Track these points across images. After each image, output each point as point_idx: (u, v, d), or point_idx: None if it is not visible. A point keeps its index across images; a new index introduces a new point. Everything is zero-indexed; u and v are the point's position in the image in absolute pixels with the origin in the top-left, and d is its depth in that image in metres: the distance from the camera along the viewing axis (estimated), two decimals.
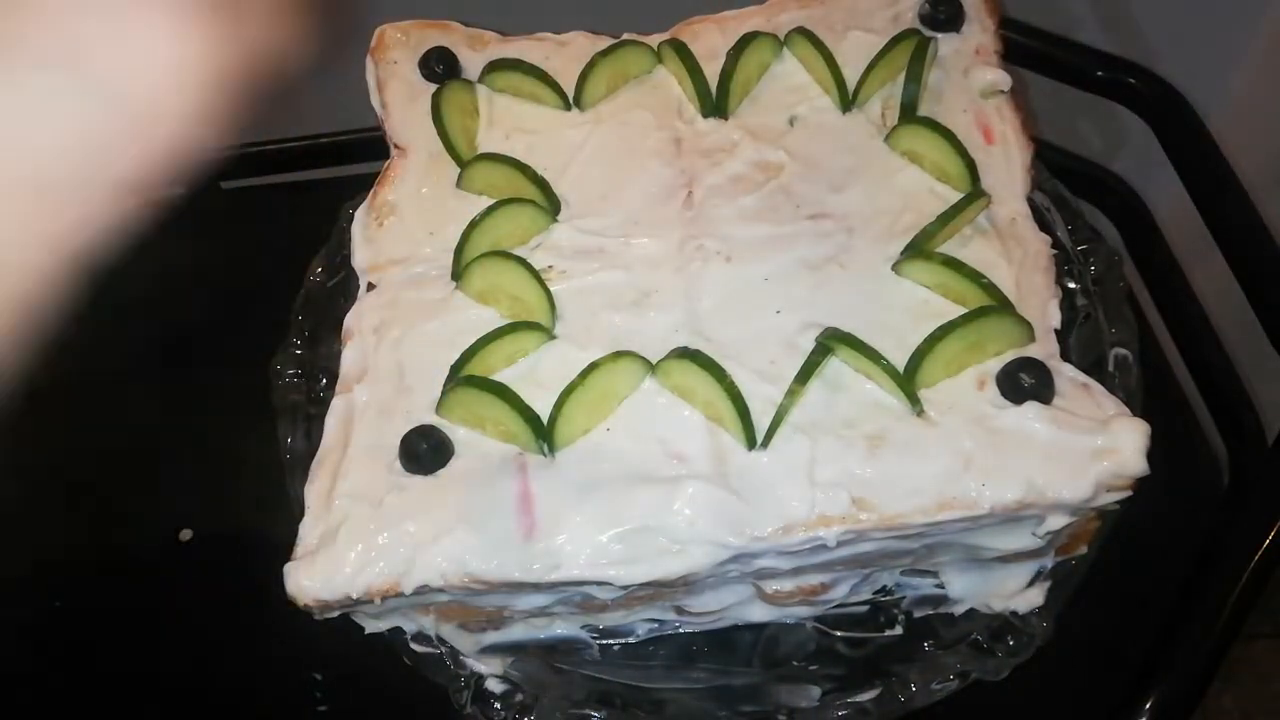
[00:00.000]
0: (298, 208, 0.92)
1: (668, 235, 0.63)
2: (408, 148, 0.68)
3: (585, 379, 0.56)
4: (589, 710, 0.61)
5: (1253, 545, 0.62)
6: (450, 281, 0.63)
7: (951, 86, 0.67)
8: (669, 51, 0.69)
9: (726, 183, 0.65)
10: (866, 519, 0.53)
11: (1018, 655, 0.61)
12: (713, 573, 0.55)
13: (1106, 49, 0.83)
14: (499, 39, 0.72)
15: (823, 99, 0.68)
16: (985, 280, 0.58)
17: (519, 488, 0.55)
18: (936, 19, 0.68)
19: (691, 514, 0.53)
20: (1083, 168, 0.88)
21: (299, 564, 0.54)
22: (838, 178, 0.64)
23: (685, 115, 0.68)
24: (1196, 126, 0.78)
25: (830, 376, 0.57)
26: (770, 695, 0.63)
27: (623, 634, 0.65)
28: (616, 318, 0.60)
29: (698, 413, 0.57)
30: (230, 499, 0.79)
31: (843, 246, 0.62)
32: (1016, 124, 0.65)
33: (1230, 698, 1.16)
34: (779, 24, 0.70)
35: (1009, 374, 0.55)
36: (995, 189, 0.62)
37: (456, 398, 0.57)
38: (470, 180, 0.66)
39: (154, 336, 0.91)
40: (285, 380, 0.70)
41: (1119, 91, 0.81)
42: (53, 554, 0.80)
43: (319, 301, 0.73)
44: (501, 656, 0.64)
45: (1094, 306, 0.69)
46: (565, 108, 0.69)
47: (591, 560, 0.53)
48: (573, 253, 0.63)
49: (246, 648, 0.73)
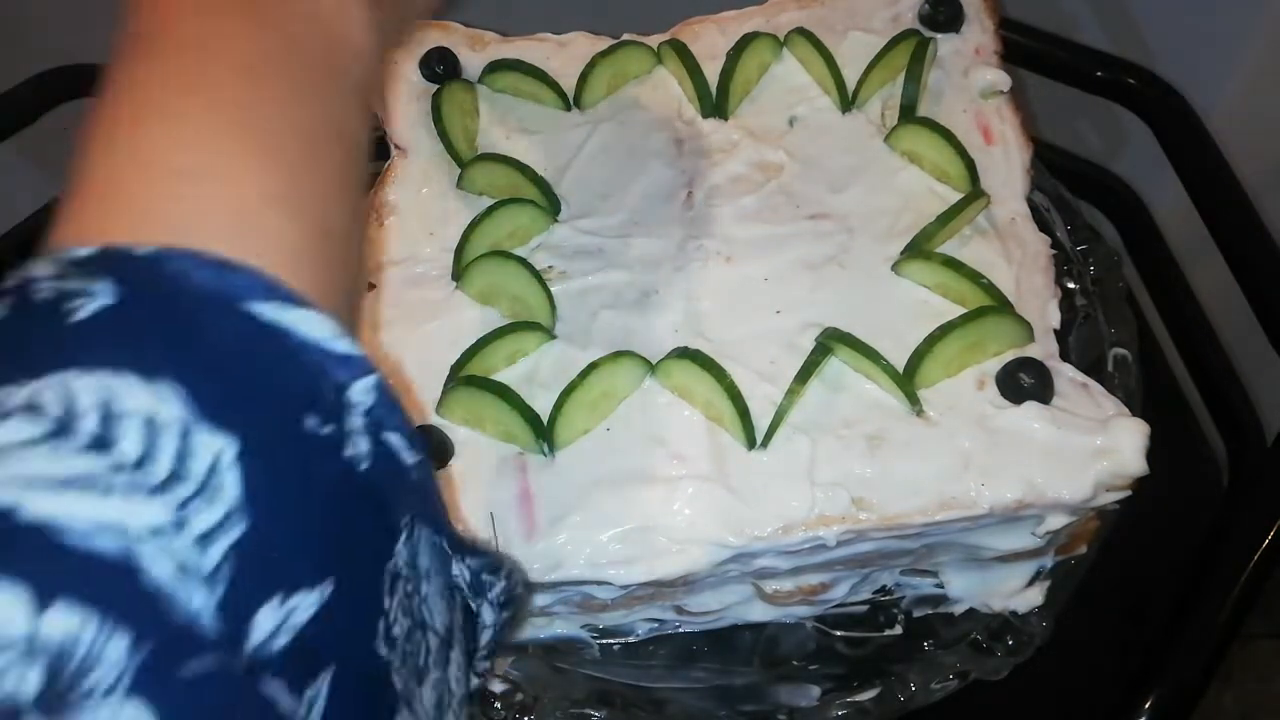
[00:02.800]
0: None
1: (668, 235, 0.63)
2: (408, 148, 0.68)
3: (585, 379, 0.56)
4: (589, 710, 0.61)
5: (1253, 545, 0.62)
6: (450, 281, 0.63)
7: (951, 87, 0.67)
8: (669, 52, 0.69)
9: (727, 183, 0.65)
10: (866, 519, 0.53)
11: (1017, 655, 0.61)
12: (713, 573, 0.55)
13: (1106, 49, 0.83)
14: (499, 39, 0.72)
15: (823, 99, 0.68)
16: (985, 280, 0.58)
17: (519, 487, 0.55)
18: (936, 19, 0.68)
19: (691, 514, 0.53)
20: (1083, 168, 0.88)
21: None
22: (838, 178, 0.64)
23: (685, 115, 0.68)
24: (1196, 126, 0.78)
25: (830, 376, 0.57)
26: (770, 695, 0.63)
27: (623, 634, 0.65)
28: (616, 318, 0.60)
29: (698, 413, 0.57)
30: None
31: (842, 246, 0.62)
32: (1016, 124, 0.65)
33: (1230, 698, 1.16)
34: (779, 24, 0.70)
35: (1008, 374, 0.55)
36: (995, 189, 0.62)
37: (456, 398, 0.57)
38: (470, 180, 0.66)
39: None
40: None
41: (1119, 91, 0.81)
42: None
43: None
44: (501, 656, 0.64)
45: (1093, 306, 0.69)
46: (565, 108, 0.69)
47: (591, 560, 0.53)
48: (573, 253, 0.63)
49: None
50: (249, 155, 0.29)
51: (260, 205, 0.28)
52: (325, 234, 0.30)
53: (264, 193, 0.29)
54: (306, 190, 0.30)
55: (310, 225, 0.29)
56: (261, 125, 0.30)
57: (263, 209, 0.28)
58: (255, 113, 0.30)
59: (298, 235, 0.29)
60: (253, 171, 0.29)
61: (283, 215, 0.29)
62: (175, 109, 0.29)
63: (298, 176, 0.30)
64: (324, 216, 0.30)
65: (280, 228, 0.29)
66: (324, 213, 0.30)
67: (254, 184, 0.29)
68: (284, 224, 0.29)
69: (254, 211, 0.28)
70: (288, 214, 0.29)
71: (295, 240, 0.29)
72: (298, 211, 0.29)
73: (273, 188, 0.29)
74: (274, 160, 0.29)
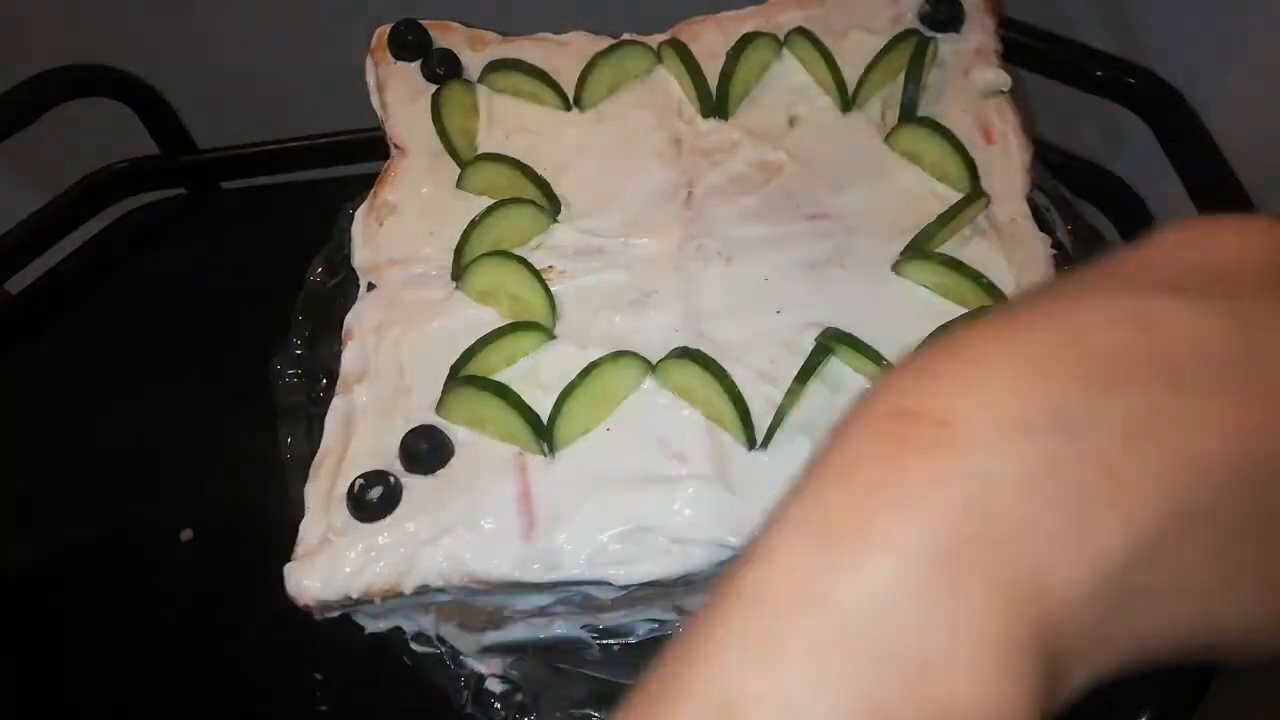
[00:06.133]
0: (298, 208, 0.92)
1: (668, 235, 0.63)
2: (408, 148, 0.68)
3: (585, 379, 0.56)
4: (589, 710, 0.61)
5: None
6: (450, 281, 0.63)
7: (951, 87, 0.67)
8: (669, 51, 0.69)
9: (726, 183, 0.65)
10: None
11: None
12: (713, 573, 0.55)
13: (1106, 49, 0.83)
14: (499, 39, 0.72)
15: (823, 99, 0.68)
16: (985, 280, 0.58)
17: (519, 488, 0.55)
18: (936, 19, 0.68)
19: (691, 514, 0.53)
20: (1083, 168, 0.88)
21: (299, 564, 0.54)
22: (838, 178, 0.64)
23: (685, 115, 0.68)
24: (1196, 126, 0.78)
25: (830, 376, 0.57)
26: None
27: (623, 634, 0.65)
28: (616, 318, 0.60)
29: (698, 413, 0.57)
30: (230, 499, 0.79)
31: (843, 246, 0.62)
32: (1016, 124, 0.65)
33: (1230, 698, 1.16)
34: (779, 24, 0.70)
35: None
36: (995, 189, 0.62)
37: (456, 398, 0.57)
38: (470, 180, 0.66)
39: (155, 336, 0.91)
40: (285, 380, 0.70)
41: (1119, 91, 0.81)
42: (53, 554, 0.81)
43: (319, 301, 0.73)
44: (501, 656, 0.63)
45: None
46: (565, 108, 0.69)
47: (591, 560, 0.53)
48: (573, 253, 0.63)
49: (247, 648, 0.73)
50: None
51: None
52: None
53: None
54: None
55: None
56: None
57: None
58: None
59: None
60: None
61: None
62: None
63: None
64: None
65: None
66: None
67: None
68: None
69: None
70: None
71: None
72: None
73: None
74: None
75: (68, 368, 0.91)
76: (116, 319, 0.94)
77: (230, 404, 0.77)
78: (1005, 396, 0.26)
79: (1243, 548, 0.28)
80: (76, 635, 0.76)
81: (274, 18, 0.99)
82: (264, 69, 1.02)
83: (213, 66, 1.01)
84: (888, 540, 0.26)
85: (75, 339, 0.94)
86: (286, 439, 0.68)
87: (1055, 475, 0.26)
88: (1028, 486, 0.26)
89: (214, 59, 1.01)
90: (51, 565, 0.80)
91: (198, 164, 1.01)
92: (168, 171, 1.01)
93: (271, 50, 1.01)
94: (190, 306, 0.92)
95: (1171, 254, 0.30)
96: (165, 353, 0.90)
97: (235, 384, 0.73)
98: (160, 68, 0.98)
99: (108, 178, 0.98)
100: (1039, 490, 0.26)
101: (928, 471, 0.26)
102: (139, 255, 0.99)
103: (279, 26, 1.00)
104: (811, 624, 0.25)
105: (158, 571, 0.78)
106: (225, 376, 0.78)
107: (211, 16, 1.00)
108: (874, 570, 0.25)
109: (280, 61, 1.00)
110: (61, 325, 0.95)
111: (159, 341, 0.91)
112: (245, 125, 1.01)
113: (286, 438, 0.68)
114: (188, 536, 0.80)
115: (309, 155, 0.99)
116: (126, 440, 0.84)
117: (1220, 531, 0.27)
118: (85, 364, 0.91)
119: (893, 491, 0.26)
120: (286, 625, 0.56)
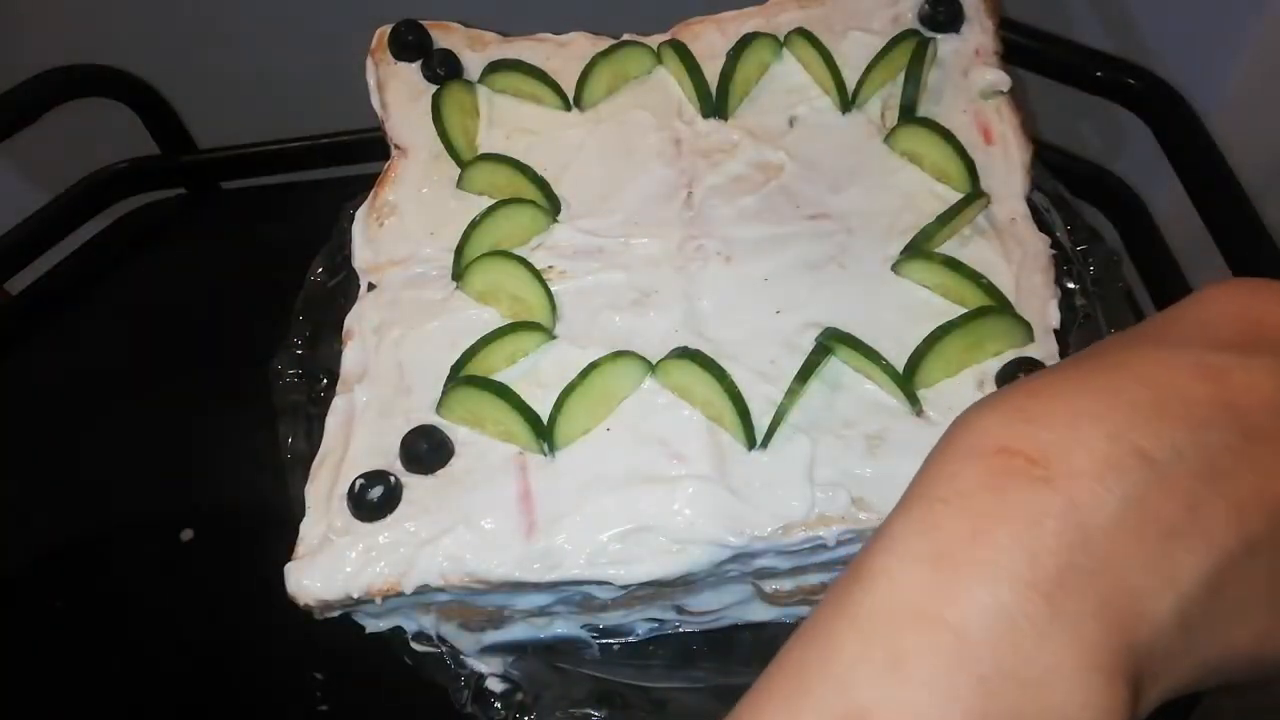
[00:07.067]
0: (298, 208, 0.92)
1: (668, 235, 0.63)
2: (408, 148, 0.68)
3: (585, 379, 0.56)
4: (589, 710, 0.61)
5: None
6: (450, 281, 0.63)
7: (951, 87, 0.67)
8: (669, 52, 0.69)
9: (726, 183, 0.65)
10: (866, 519, 0.53)
11: None
12: (713, 572, 0.55)
13: (1106, 49, 0.83)
14: (499, 40, 0.72)
15: (823, 99, 0.68)
16: (985, 280, 0.58)
17: (519, 487, 0.55)
18: (936, 19, 0.68)
19: (691, 514, 0.53)
20: (1083, 168, 0.88)
21: (300, 564, 0.54)
22: (838, 178, 0.64)
23: (685, 115, 0.68)
24: (1196, 126, 0.78)
25: (830, 376, 0.57)
26: None
27: (623, 633, 0.65)
28: (616, 318, 0.60)
29: (698, 413, 0.57)
30: (230, 499, 0.79)
31: (842, 246, 0.62)
32: (1016, 124, 0.65)
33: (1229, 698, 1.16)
34: (779, 24, 0.70)
35: (1008, 374, 0.55)
36: (995, 189, 0.62)
37: (457, 398, 0.57)
38: (470, 180, 0.66)
39: (154, 336, 0.91)
40: (285, 380, 0.70)
41: (1119, 91, 0.81)
42: (53, 554, 0.81)
43: (319, 301, 0.73)
44: (501, 656, 0.64)
45: (1093, 307, 0.69)
46: (565, 108, 0.69)
47: (591, 560, 0.53)
48: (573, 253, 0.63)
49: (247, 647, 0.73)
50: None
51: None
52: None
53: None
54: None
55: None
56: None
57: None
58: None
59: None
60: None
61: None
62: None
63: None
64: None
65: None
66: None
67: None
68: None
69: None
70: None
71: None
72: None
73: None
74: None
75: (68, 368, 0.91)
76: (116, 319, 0.95)
77: (230, 404, 0.77)
78: (1096, 438, 0.30)
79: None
80: (76, 635, 0.76)
81: (274, 18, 0.99)
82: (264, 69, 1.02)
83: (213, 66, 1.01)
84: (998, 567, 0.28)
85: (75, 339, 0.94)
86: (286, 439, 0.68)
87: (1143, 509, 0.29)
88: (1119, 520, 0.29)
89: (214, 59, 1.01)
90: (51, 565, 0.80)
91: (198, 164, 1.01)
92: (168, 171, 1.01)
93: (271, 50, 1.01)
94: (190, 306, 0.93)
95: (1224, 313, 0.33)
96: (165, 352, 0.90)
97: (235, 384, 0.73)
98: (160, 68, 0.99)
99: (108, 178, 0.98)
100: (1129, 523, 0.29)
101: (1032, 505, 0.29)
102: (139, 255, 0.99)
103: (279, 27, 1.00)
104: (932, 641, 0.28)
105: (158, 571, 0.78)
106: (225, 376, 0.78)
107: (212, 17, 1.00)
108: (987, 594, 0.28)
109: (280, 62, 1.00)
110: (61, 325, 0.95)
111: (159, 341, 0.91)
112: (245, 125, 1.01)
113: (286, 438, 0.68)
114: (188, 536, 0.80)
115: (309, 155, 0.99)
116: (126, 440, 0.84)
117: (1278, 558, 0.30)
118: (85, 364, 0.91)
119: (1001, 522, 0.29)
120: (287, 625, 0.56)
